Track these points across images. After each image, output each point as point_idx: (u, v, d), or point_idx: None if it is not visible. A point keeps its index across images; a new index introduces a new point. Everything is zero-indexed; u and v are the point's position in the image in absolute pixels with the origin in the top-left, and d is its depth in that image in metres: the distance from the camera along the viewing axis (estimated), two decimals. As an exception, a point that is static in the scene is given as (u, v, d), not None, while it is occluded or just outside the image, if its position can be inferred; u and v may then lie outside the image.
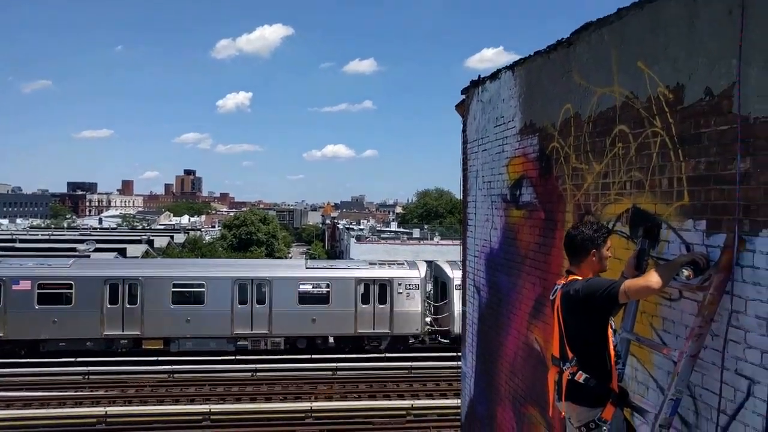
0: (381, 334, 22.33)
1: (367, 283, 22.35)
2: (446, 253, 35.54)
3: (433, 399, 17.45)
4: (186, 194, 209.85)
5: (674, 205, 3.32)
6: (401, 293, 22.30)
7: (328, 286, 22.20)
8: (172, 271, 22.76)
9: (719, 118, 2.97)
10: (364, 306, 22.13)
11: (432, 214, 73.10)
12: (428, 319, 23.23)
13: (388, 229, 65.39)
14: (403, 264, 24.00)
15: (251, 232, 59.59)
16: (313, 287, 22.42)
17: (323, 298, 22.12)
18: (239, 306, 21.68)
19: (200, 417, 15.89)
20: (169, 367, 19.87)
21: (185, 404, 16.99)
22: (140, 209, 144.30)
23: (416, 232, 55.32)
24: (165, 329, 21.37)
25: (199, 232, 68.70)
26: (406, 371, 20.26)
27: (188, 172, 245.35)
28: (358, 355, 21.79)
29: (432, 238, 49.72)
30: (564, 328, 3.18)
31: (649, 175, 3.57)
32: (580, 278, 3.16)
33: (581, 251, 3.21)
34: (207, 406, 16.42)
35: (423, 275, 22.90)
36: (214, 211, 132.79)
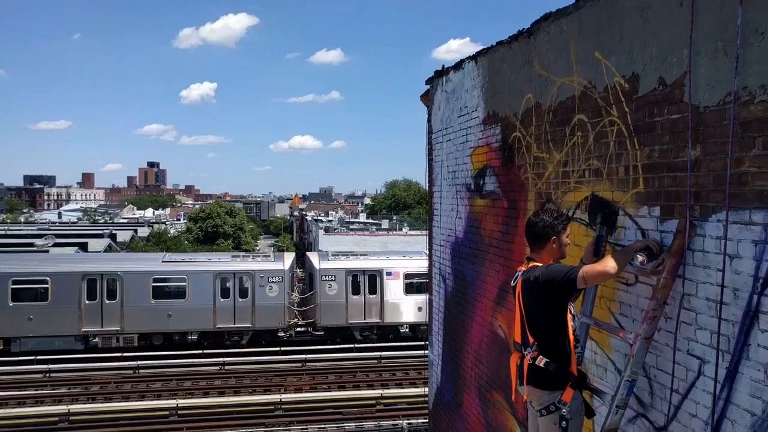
0: (242, 328, 21.91)
1: (227, 276, 21.71)
2: (414, 244, 35.74)
3: (403, 388, 17.59)
4: (150, 187, 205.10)
5: (630, 193, 3.40)
6: (263, 286, 21.76)
7: (184, 280, 21.51)
8: (11, 266, 21.45)
9: (671, 107, 3.06)
10: (223, 300, 21.53)
11: (400, 205, 73.31)
12: (296, 311, 22.77)
13: (356, 220, 65.37)
14: (268, 256, 23.78)
15: (217, 225, 58.71)
16: (169, 282, 21.71)
17: (180, 293, 21.39)
18: (88, 302, 20.86)
19: (167, 412, 15.67)
20: (135, 363, 19.50)
21: (152, 400, 16.70)
22: (102, 203, 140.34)
23: (385, 223, 55.44)
24: (3, 328, 20.36)
25: (164, 225, 67.30)
26: (376, 361, 20.36)
27: (152, 165, 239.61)
28: (327, 346, 21.81)
29: (401, 229, 49.95)
30: (525, 314, 3.24)
31: (606, 163, 3.65)
32: (540, 265, 3.21)
33: (542, 238, 3.27)
34: (174, 401, 16.18)
35: (288, 267, 22.41)
36: (179, 204, 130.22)
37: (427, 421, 9.20)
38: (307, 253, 25.32)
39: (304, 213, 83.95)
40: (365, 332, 23.08)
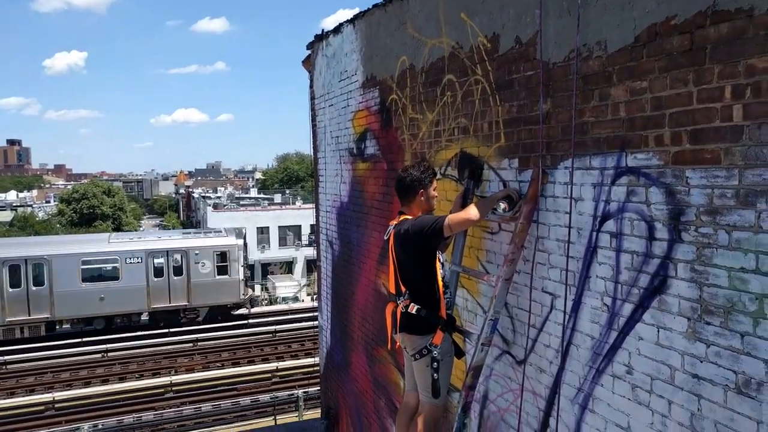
0: None
1: None
2: (308, 217, 35.54)
3: (298, 359, 17.68)
4: (11, 167, 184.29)
5: (493, 147, 3.62)
6: None
7: None
8: None
9: (526, 65, 3.27)
10: None
11: (293, 179, 72.28)
12: None
13: (247, 195, 63.55)
14: None
15: (94, 206, 54.45)
16: None
17: None
18: None
19: (43, 407, 14.56)
20: (2, 358, 17.80)
21: (23, 396, 15.39)
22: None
23: (278, 198, 54.47)
24: None
25: (30, 208, 61.21)
26: (271, 335, 20.23)
27: (12, 142, 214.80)
28: (220, 324, 21.28)
29: (294, 203, 49.32)
30: (397, 265, 3.37)
31: (473, 120, 3.84)
32: (410, 217, 3.34)
33: (410, 192, 3.40)
34: (50, 395, 15.08)
35: None
36: (48, 185, 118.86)
37: (321, 386, 9.33)
38: None
39: (190, 190, 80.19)
40: None
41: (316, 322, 19.80)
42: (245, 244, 23.57)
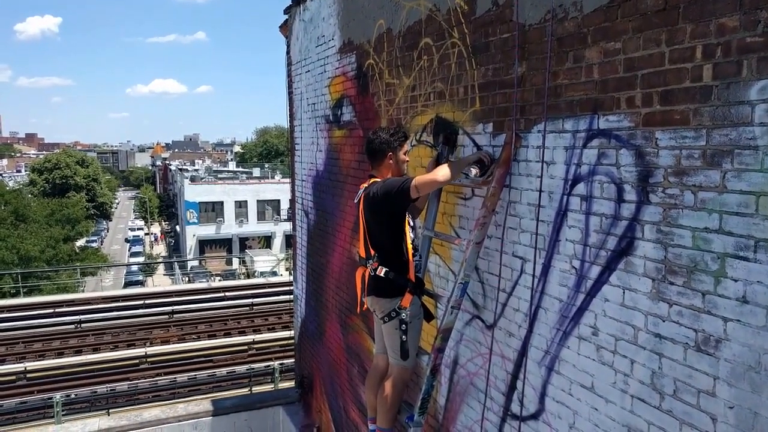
0: None
1: None
2: (287, 192, 35.27)
3: (276, 332, 17.70)
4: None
5: (468, 111, 3.58)
6: None
7: None
8: None
9: (503, 27, 3.22)
10: None
11: (273, 153, 71.61)
12: None
13: (226, 169, 62.77)
14: None
15: (67, 176, 53.29)
16: None
17: None
18: None
19: (14, 377, 14.39)
20: (-31, 328, 17.47)
21: (-7, 367, 15.17)
22: None
23: (256, 171, 53.90)
24: None
25: (0, 177, 59.66)
26: (248, 308, 20.17)
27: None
28: (197, 296, 21.13)
29: (273, 177, 48.90)
30: (366, 228, 3.34)
31: (449, 84, 3.79)
32: (379, 180, 3.30)
33: (378, 154, 3.36)
34: (22, 365, 14.88)
35: None
36: (18, 154, 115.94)
37: (296, 357, 9.35)
38: None
39: (167, 162, 78.91)
40: None
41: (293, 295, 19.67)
42: None
